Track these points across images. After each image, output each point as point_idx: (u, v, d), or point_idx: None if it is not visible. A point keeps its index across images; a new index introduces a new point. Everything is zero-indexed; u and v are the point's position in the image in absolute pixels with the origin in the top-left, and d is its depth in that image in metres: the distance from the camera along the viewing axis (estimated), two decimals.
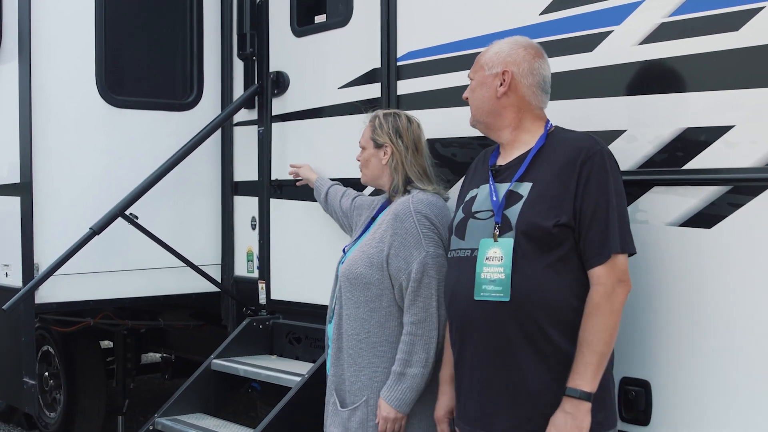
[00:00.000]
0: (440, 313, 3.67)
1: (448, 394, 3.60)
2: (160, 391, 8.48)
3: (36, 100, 5.36)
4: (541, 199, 3.17)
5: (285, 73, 5.42)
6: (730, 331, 3.28)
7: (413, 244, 3.73)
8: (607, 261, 3.11)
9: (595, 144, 3.21)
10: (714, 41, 3.32)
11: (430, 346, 3.68)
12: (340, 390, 3.89)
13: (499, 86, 3.34)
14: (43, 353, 6.87)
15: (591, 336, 3.09)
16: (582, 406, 3.08)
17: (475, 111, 3.43)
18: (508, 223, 3.19)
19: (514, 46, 3.38)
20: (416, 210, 3.77)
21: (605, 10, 3.66)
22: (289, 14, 5.39)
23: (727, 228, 3.28)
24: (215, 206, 5.92)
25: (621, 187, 3.20)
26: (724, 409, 3.30)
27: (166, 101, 5.83)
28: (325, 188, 4.87)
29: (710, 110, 3.34)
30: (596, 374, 3.09)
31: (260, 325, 5.45)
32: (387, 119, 4.02)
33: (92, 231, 5.16)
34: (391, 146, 3.97)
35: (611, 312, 3.11)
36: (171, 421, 5.16)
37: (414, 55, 4.49)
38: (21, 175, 5.38)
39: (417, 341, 3.68)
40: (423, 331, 3.68)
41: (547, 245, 3.14)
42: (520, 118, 3.36)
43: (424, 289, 3.69)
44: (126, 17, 5.74)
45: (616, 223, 3.14)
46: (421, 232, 3.73)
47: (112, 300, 5.68)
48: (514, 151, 3.36)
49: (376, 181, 4.09)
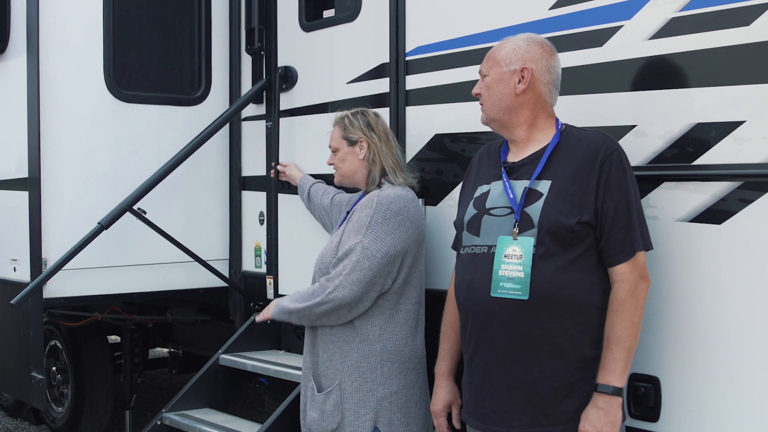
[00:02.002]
0: (332, 296, 3.84)
1: (446, 388, 3.65)
2: (167, 386, 8.50)
3: (44, 95, 5.35)
4: (561, 197, 3.19)
5: (293, 68, 5.41)
6: (740, 327, 3.27)
7: (356, 231, 3.91)
8: (631, 258, 3.16)
9: (611, 143, 3.24)
10: (725, 36, 3.31)
11: (308, 311, 3.92)
12: (316, 375, 4.04)
13: (517, 83, 3.34)
14: (50, 348, 6.89)
15: (620, 332, 3.13)
16: (615, 402, 3.12)
17: (491, 107, 3.41)
18: (529, 221, 3.20)
19: (531, 43, 3.38)
20: (378, 203, 3.93)
21: (615, 5, 3.64)
22: (297, 9, 5.38)
23: (737, 224, 3.27)
24: (223, 201, 5.92)
25: (636, 185, 3.24)
26: (734, 405, 3.29)
27: (175, 96, 5.83)
28: (308, 186, 4.99)
29: (721, 106, 3.32)
30: (625, 369, 3.15)
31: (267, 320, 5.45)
32: (356, 117, 4.20)
33: (100, 226, 5.16)
34: (366, 140, 4.15)
35: (636, 307, 3.16)
36: (179, 416, 5.17)
37: (423, 50, 4.48)
38: (29, 170, 5.39)
39: (306, 296, 3.93)
40: (311, 295, 3.91)
41: (569, 243, 3.16)
42: (535, 115, 3.37)
43: (339, 268, 3.87)
44: (134, 11, 5.73)
45: (636, 221, 3.19)
46: (368, 222, 3.89)
47: (120, 295, 5.68)
48: (528, 149, 3.37)
49: (352, 177, 4.23)
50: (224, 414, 5.24)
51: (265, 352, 5.38)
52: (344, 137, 4.18)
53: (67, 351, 6.80)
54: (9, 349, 5.77)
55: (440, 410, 3.65)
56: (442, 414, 3.65)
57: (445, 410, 3.65)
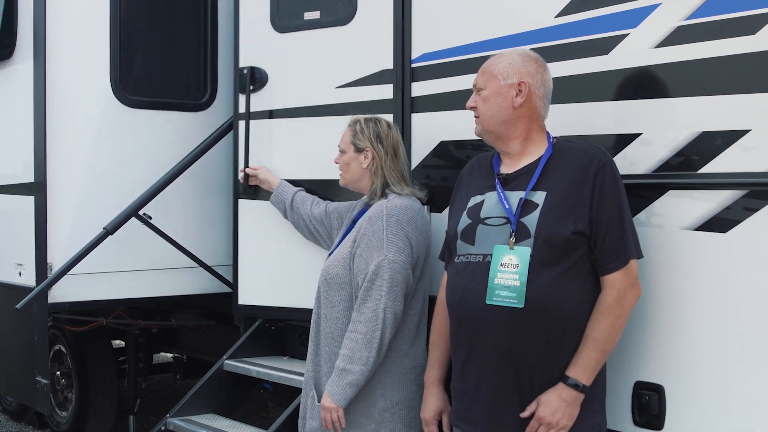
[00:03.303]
0: (386, 316, 3.78)
1: (437, 395, 3.69)
2: (171, 391, 8.51)
3: (50, 100, 5.37)
4: (556, 208, 3.25)
5: (262, 69, 5.29)
6: (745, 336, 3.27)
7: (376, 247, 3.86)
8: (624, 267, 3.22)
9: (603, 154, 3.32)
10: (731, 45, 3.31)
11: (372, 346, 3.79)
12: (318, 385, 4.03)
13: (515, 96, 3.39)
14: (55, 352, 6.89)
15: (599, 335, 3.20)
16: (578, 398, 3.21)
17: (487, 120, 3.45)
18: (525, 231, 3.25)
19: (526, 58, 3.45)
20: (388, 214, 3.90)
21: (621, 13, 3.64)
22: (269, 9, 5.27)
23: (742, 232, 3.27)
24: (228, 207, 5.91)
25: (626, 195, 3.31)
26: (739, 413, 3.29)
27: (180, 102, 5.84)
28: (290, 195, 4.94)
29: (726, 114, 3.33)
30: (595, 370, 3.23)
31: (272, 326, 5.45)
32: (368, 124, 4.16)
33: (105, 231, 5.18)
34: (372, 150, 4.12)
35: (620, 315, 3.24)
36: (183, 421, 5.17)
37: (428, 57, 4.48)
38: (35, 175, 5.40)
39: (362, 340, 3.79)
40: (368, 330, 3.79)
41: (563, 252, 3.22)
42: (529, 128, 3.43)
43: (375, 291, 3.81)
44: (140, 17, 5.75)
45: (629, 230, 3.27)
46: (386, 236, 3.86)
47: (124, 300, 5.69)
48: (521, 161, 3.43)
49: (355, 184, 4.23)
50: (228, 419, 5.24)
51: (269, 358, 5.37)
52: (352, 142, 4.17)
53: (72, 355, 6.80)
54: (14, 353, 5.79)
55: (431, 418, 3.68)
56: (433, 422, 3.68)
57: (436, 418, 3.68)
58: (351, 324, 3.86)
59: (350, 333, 3.84)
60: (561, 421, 3.18)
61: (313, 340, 4.08)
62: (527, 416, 3.22)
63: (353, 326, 3.84)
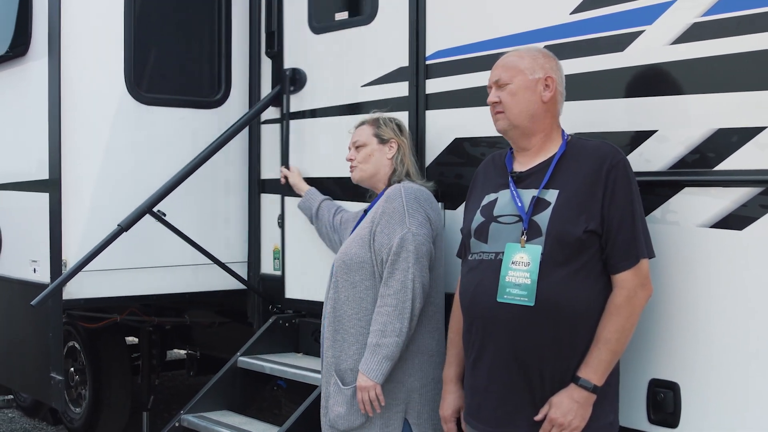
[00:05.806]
0: (415, 286, 3.83)
1: (455, 393, 3.67)
2: (184, 388, 8.52)
3: (65, 97, 5.37)
4: (569, 206, 3.24)
5: (302, 70, 5.40)
6: (761, 333, 3.26)
7: (397, 222, 3.94)
8: (634, 266, 3.20)
9: (617, 152, 3.30)
10: (747, 41, 3.30)
11: (404, 316, 3.82)
12: (339, 370, 4.02)
13: (543, 91, 3.38)
14: (69, 349, 6.91)
15: (609, 335, 3.19)
16: (590, 399, 3.20)
17: (516, 114, 3.41)
18: (537, 229, 3.25)
19: (546, 54, 3.48)
20: (406, 192, 4.01)
21: (636, 10, 3.64)
22: (306, 11, 5.36)
23: (759, 229, 3.26)
24: (242, 204, 5.93)
25: (639, 194, 3.29)
26: (754, 412, 3.28)
27: (195, 99, 5.84)
28: (317, 203, 5.03)
29: (742, 111, 3.32)
30: (607, 371, 3.22)
31: (286, 322, 5.46)
32: (388, 119, 4.30)
33: (120, 228, 5.18)
34: (397, 140, 4.26)
35: (631, 314, 3.22)
36: (197, 417, 5.18)
37: (443, 54, 4.48)
38: (50, 172, 5.40)
39: (393, 312, 3.82)
40: (398, 302, 3.83)
41: (575, 251, 3.21)
42: (551, 124, 3.43)
43: (401, 263, 3.86)
44: (155, 14, 5.75)
45: (641, 230, 3.25)
46: (407, 211, 3.94)
47: (138, 297, 5.69)
48: (535, 159, 3.43)
49: (373, 176, 4.29)
50: (242, 416, 5.25)
51: (283, 354, 5.38)
52: (376, 134, 4.27)
53: (86, 352, 6.83)
54: (28, 350, 5.80)
55: (450, 415, 3.67)
56: (452, 419, 3.67)
57: (454, 415, 3.67)
58: (379, 299, 3.89)
59: (379, 308, 3.87)
60: (573, 422, 3.17)
61: (331, 325, 4.06)
62: (541, 419, 3.22)
63: (382, 300, 3.87)
